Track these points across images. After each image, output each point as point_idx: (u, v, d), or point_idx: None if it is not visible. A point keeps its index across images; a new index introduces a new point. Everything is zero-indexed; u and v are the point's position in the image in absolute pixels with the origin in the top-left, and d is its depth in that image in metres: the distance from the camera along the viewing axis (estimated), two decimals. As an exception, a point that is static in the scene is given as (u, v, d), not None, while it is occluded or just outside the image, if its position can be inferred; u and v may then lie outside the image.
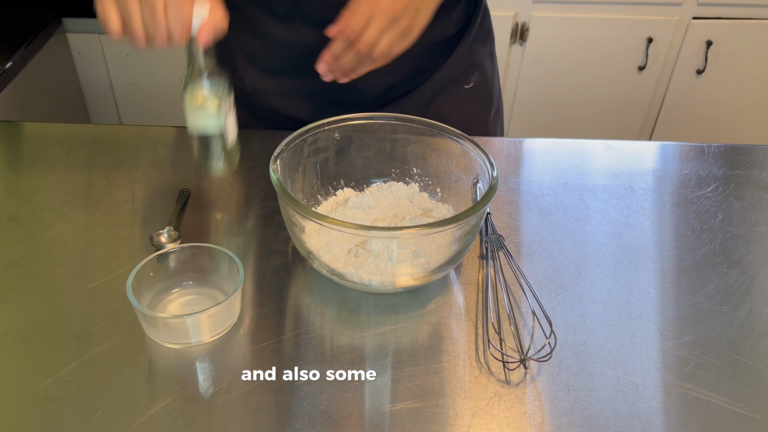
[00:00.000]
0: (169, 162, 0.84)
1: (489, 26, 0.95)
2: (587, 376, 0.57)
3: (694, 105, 1.87)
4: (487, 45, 0.94)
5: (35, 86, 1.55)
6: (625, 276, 0.68)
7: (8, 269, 0.66)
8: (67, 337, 0.59)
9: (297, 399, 0.54)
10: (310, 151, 0.71)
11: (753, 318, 0.64)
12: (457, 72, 0.90)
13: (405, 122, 0.72)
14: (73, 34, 1.71)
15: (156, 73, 1.79)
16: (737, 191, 0.82)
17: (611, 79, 1.82)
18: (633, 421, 0.54)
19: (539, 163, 0.88)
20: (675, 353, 0.60)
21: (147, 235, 0.71)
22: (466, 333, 0.61)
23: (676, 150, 0.92)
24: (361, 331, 0.61)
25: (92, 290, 0.64)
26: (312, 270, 0.68)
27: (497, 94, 0.99)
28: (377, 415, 0.53)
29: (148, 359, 0.58)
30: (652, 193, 0.81)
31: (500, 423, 0.53)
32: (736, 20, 1.72)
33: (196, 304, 0.62)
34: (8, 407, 0.53)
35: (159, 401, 0.54)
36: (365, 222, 0.71)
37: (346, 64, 0.69)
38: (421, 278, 0.63)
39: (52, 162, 0.83)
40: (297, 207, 0.59)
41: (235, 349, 0.59)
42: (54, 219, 0.73)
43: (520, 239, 0.73)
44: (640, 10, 1.70)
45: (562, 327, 0.62)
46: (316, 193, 0.74)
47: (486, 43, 0.94)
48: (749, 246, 0.73)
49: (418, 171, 0.76)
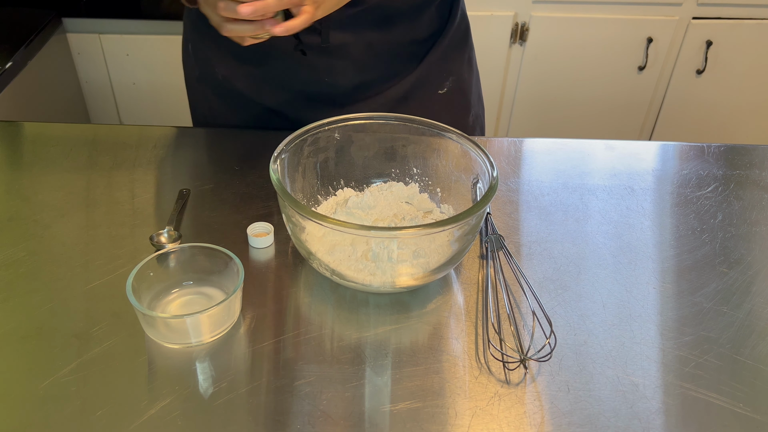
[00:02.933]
0: (169, 162, 0.84)
1: (466, 32, 0.94)
2: (587, 376, 0.57)
3: (694, 105, 1.87)
4: (465, 51, 0.94)
5: (35, 86, 1.55)
6: (625, 276, 0.68)
7: (8, 269, 0.66)
8: (67, 337, 0.59)
9: (297, 399, 0.54)
10: (310, 151, 0.71)
11: (753, 318, 0.64)
12: (430, 76, 0.90)
13: (405, 122, 0.72)
14: (73, 34, 1.71)
15: (156, 73, 1.78)
16: (737, 191, 0.82)
17: (611, 79, 1.82)
18: (633, 421, 0.54)
19: (539, 163, 0.88)
20: (675, 353, 0.60)
21: (147, 235, 0.71)
22: (466, 333, 0.61)
23: (676, 150, 0.92)
24: (361, 331, 0.61)
25: (92, 290, 0.64)
26: (312, 270, 0.68)
27: (476, 99, 0.99)
28: (377, 415, 0.53)
29: (148, 359, 0.58)
30: (652, 193, 0.81)
31: (500, 423, 0.53)
32: (736, 20, 1.72)
33: (196, 304, 0.62)
34: (8, 407, 0.53)
35: (159, 401, 0.54)
36: (365, 222, 0.71)
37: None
38: (421, 278, 0.63)
39: (52, 162, 0.83)
40: (297, 207, 0.59)
41: (235, 349, 0.59)
42: (54, 219, 0.73)
43: (520, 239, 0.73)
44: (640, 10, 1.70)
45: (562, 327, 0.62)
46: (316, 193, 0.74)
47: (463, 49, 0.94)
48: (749, 246, 0.73)
49: (418, 171, 0.76)
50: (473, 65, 0.97)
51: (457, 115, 0.95)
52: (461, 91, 0.94)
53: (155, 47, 1.73)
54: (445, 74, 0.91)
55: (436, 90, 0.91)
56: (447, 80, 0.92)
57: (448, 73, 0.91)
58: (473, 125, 0.98)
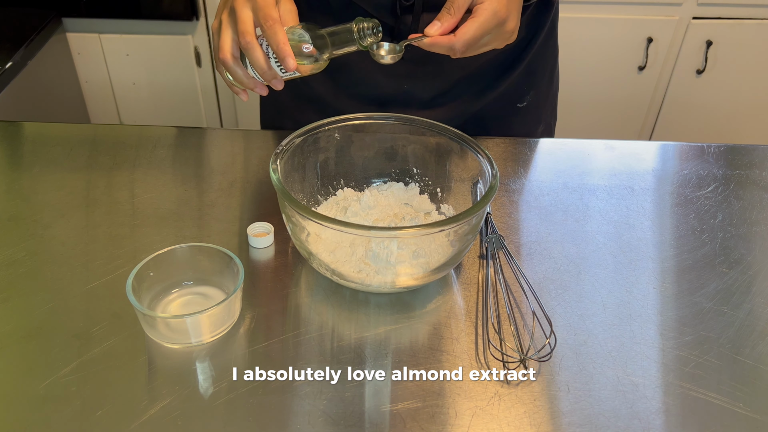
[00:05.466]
0: (169, 162, 0.84)
1: (555, 44, 0.92)
2: (587, 376, 0.57)
3: (694, 105, 1.87)
4: (549, 63, 0.92)
5: (35, 86, 1.55)
6: (625, 276, 0.68)
7: (8, 269, 0.66)
8: (67, 337, 0.59)
9: (297, 399, 0.54)
10: (310, 151, 0.71)
11: (753, 318, 0.64)
12: (511, 92, 0.88)
13: (405, 122, 0.72)
14: (73, 34, 1.71)
15: (156, 73, 1.79)
16: (737, 191, 0.82)
17: (611, 79, 1.82)
18: (633, 421, 0.54)
19: (539, 163, 0.88)
20: (675, 353, 0.60)
21: (147, 235, 0.71)
22: (466, 333, 0.61)
23: (676, 150, 0.92)
24: (361, 331, 0.61)
25: (92, 290, 0.64)
26: (312, 270, 0.68)
27: (550, 111, 0.97)
28: (377, 415, 0.53)
29: (148, 359, 0.58)
30: (652, 193, 0.81)
31: (500, 423, 0.53)
32: (736, 20, 1.72)
33: (196, 304, 0.62)
34: (8, 407, 0.53)
35: (159, 401, 0.54)
36: (365, 222, 0.71)
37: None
38: (421, 278, 0.63)
39: (52, 162, 0.83)
40: (297, 207, 0.59)
41: (235, 349, 0.59)
42: (54, 219, 0.73)
43: (520, 239, 0.73)
44: (640, 10, 1.70)
45: (562, 327, 0.62)
46: (316, 193, 0.74)
47: (548, 61, 0.91)
48: (749, 246, 0.73)
49: (418, 171, 0.76)
50: (555, 77, 0.95)
51: (527, 126, 0.94)
52: (537, 104, 0.92)
53: (155, 47, 1.73)
54: (526, 88, 0.89)
55: (515, 104, 0.90)
56: (528, 94, 0.90)
57: (529, 87, 0.90)
58: (541, 135, 0.96)
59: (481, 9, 0.63)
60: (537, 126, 0.95)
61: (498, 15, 0.63)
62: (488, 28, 0.63)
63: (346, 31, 0.64)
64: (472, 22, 0.63)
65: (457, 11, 0.63)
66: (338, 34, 0.64)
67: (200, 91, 1.82)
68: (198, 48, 1.74)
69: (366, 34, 0.64)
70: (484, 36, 0.64)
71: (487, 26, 0.63)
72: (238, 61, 0.66)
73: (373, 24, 0.64)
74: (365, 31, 0.64)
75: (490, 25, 0.63)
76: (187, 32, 1.71)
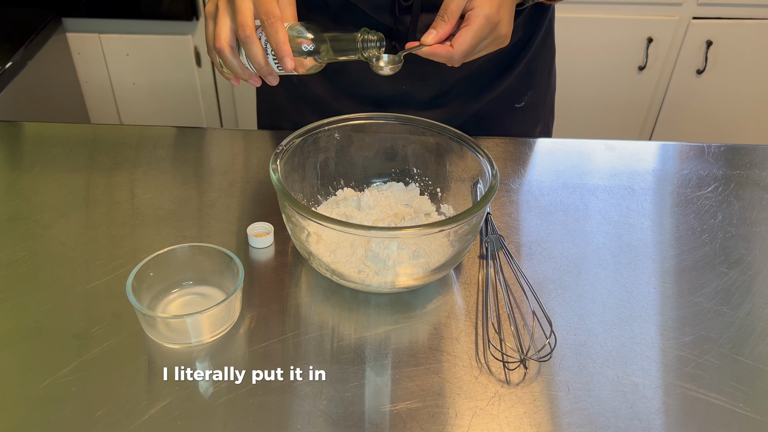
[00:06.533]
0: (169, 162, 0.84)
1: (552, 44, 0.92)
2: (587, 376, 0.57)
3: (694, 105, 1.87)
4: (547, 63, 0.92)
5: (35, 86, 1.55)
6: (625, 276, 0.68)
7: (8, 269, 0.66)
8: (67, 337, 0.59)
9: (297, 399, 0.54)
10: (310, 151, 0.71)
11: (753, 318, 0.64)
12: (509, 92, 0.89)
13: (405, 122, 0.72)
14: (73, 34, 1.71)
15: (156, 73, 1.79)
16: (737, 191, 0.82)
17: (611, 79, 1.82)
18: (633, 421, 0.54)
19: (539, 163, 0.88)
20: (675, 353, 0.60)
21: (147, 235, 0.71)
22: (466, 333, 0.61)
23: (676, 150, 0.92)
24: (361, 331, 0.61)
25: (92, 290, 0.64)
26: (312, 270, 0.68)
27: (548, 111, 0.98)
28: (377, 415, 0.53)
29: (148, 359, 0.58)
30: (652, 193, 0.81)
31: (500, 423, 0.53)
32: (736, 20, 1.72)
33: (196, 304, 0.62)
34: (8, 407, 0.53)
35: (159, 401, 0.54)
36: (365, 222, 0.71)
37: None
38: (421, 278, 0.63)
39: (52, 162, 0.83)
40: (297, 207, 0.59)
41: (235, 349, 0.59)
42: (54, 219, 0.73)
43: (520, 239, 0.73)
44: (640, 10, 1.70)
45: (562, 327, 0.62)
46: (316, 193, 0.74)
47: (546, 61, 0.92)
48: (749, 246, 0.73)
49: (418, 171, 0.76)
50: (552, 76, 0.96)
51: (525, 126, 0.94)
52: (535, 104, 0.93)
53: (155, 47, 1.73)
54: (524, 88, 0.90)
55: (514, 104, 0.90)
56: (526, 94, 0.90)
57: (527, 87, 0.90)
58: (539, 135, 0.97)
59: (474, 15, 0.63)
60: (535, 126, 0.96)
61: (491, 20, 0.63)
62: (483, 34, 0.64)
63: (349, 39, 0.64)
64: (467, 30, 0.63)
65: (450, 18, 0.63)
66: (340, 41, 0.64)
67: (200, 91, 1.82)
68: (198, 48, 1.74)
69: (369, 46, 0.64)
70: (480, 42, 0.65)
71: (482, 33, 0.63)
72: (235, 51, 0.65)
73: (378, 37, 0.64)
74: (369, 43, 0.63)
75: (485, 31, 0.63)
76: (186, 32, 1.71)
